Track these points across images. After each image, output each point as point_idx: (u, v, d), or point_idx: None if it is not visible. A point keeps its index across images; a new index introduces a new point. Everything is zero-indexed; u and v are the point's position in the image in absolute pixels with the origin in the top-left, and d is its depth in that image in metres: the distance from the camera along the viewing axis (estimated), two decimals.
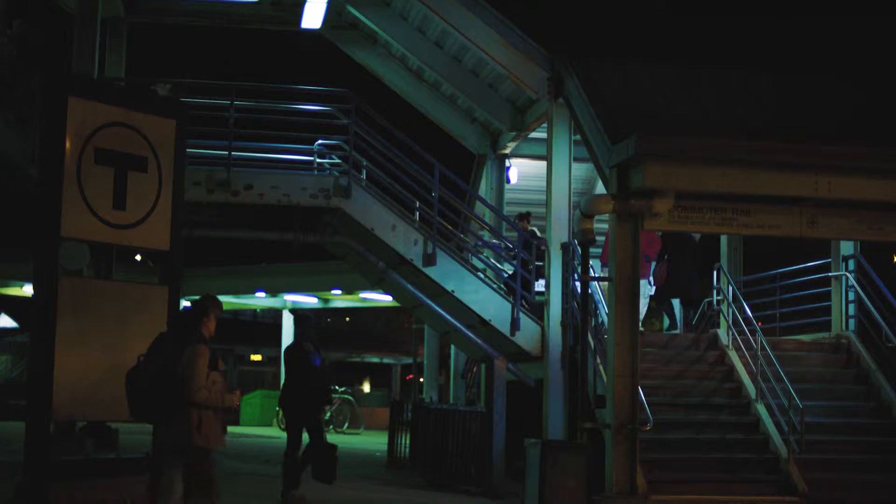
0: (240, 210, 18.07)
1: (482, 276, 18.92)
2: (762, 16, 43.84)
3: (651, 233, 18.77)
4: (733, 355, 17.88)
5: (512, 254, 19.32)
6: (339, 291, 35.89)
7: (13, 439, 16.23)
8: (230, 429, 34.77)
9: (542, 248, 18.54)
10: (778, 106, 17.48)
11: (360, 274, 20.54)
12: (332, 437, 31.90)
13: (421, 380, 31.62)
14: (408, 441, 20.82)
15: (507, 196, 22.09)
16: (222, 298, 32.08)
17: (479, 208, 22.00)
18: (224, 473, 18.75)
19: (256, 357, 54.66)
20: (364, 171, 18.58)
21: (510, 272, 19.30)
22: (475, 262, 19.74)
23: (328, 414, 35.19)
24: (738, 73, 18.72)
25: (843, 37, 40.10)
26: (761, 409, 16.46)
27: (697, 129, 16.04)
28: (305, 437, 14.96)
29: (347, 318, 63.10)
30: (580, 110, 16.86)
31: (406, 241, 17.98)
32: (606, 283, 15.52)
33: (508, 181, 21.86)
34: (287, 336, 39.16)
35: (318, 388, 15.25)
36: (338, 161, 18.58)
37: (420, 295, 18.45)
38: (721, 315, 19.10)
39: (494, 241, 20.16)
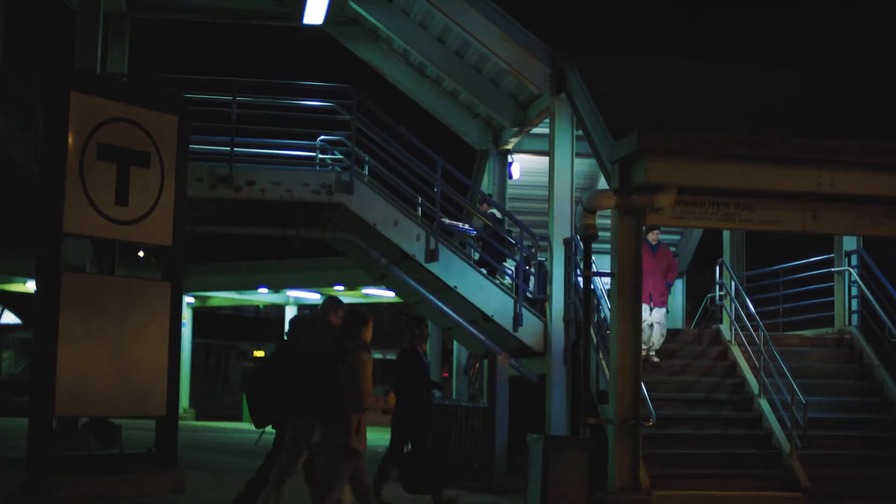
0: (242, 206, 18.06)
1: (484, 271, 18.91)
2: (762, 13, 43.81)
3: (669, 254, 18.84)
4: (736, 351, 17.88)
5: (479, 242, 19.25)
6: (341, 287, 35.82)
7: (16, 435, 16.26)
8: (232, 425, 34.85)
9: (507, 232, 18.46)
10: (780, 101, 17.45)
11: (363, 270, 20.53)
12: None
13: None
14: None
15: (510, 191, 22.07)
16: (224, 294, 32.21)
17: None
18: (229, 470, 18.79)
19: (259, 353, 54.62)
20: (366, 167, 18.57)
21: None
22: (477, 256, 19.73)
23: None
24: (740, 69, 18.71)
25: (845, 32, 40.07)
26: (764, 404, 16.45)
27: (700, 125, 16.02)
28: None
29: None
30: (582, 106, 16.84)
31: (408, 236, 17.98)
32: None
33: (511, 177, 21.85)
34: None
35: (430, 394, 14.81)
36: (340, 157, 18.58)
37: (422, 291, 18.45)
38: (724, 310, 19.09)
39: (459, 224, 19.76)
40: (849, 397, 17.31)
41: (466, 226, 19.61)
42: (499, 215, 19.56)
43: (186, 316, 36.87)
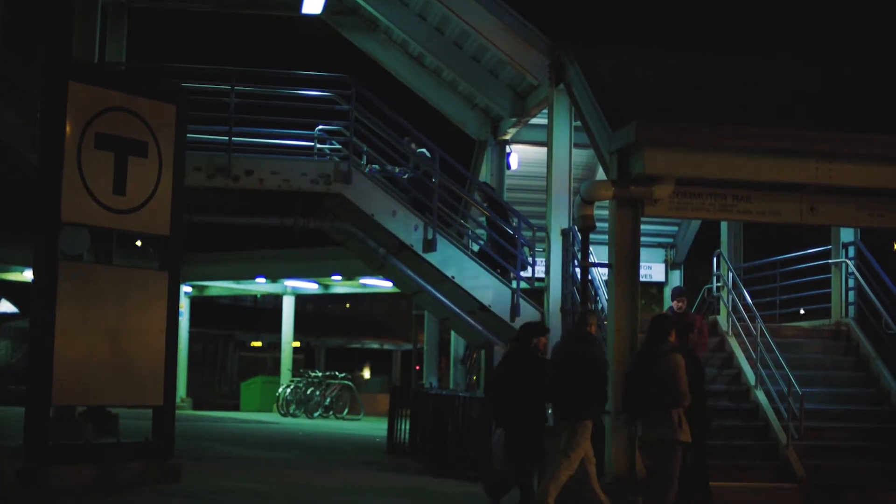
0: (240, 195, 18.06)
1: (482, 261, 18.91)
2: (762, 5, 43.82)
3: (699, 321, 16.85)
4: (733, 342, 17.89)
5: (405, 175, 19.05)
6: (339, 277, 35.86)
7: (13, 424, 16.28)
8: (229, 414, 34.90)
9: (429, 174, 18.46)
10: (778, 92, 17.46)
11: (361, 260, 20.55)
12: (331, 423, 32.09)
13: (417, 367, 31.69)
14: (408, 427, 20.84)
15: (508, 182, 22.07)
16: (222, 284, 32.29)
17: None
18: (227, 458, 18.83)
19: (257, 343, 54.64)
20: (364, 157, 18.56)
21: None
22: (475, 247, 19.74)
23: (328, 400, 35.23)
24: (739, 60, 18.71)
25: (845, 25, 40.07)
26: (761, 395, 16.47)
27: (698, 116, 16.02)
28: None
29: (348, 305, 63.14)
30: (581, 96, 16.84)
31: (406, 226, 17.99)
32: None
33: (509, 167, 21.85)
34: (287, 322, 39.19)
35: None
36: (338, 146, 18.58)
37: (420, 281, 18.46)
38: (721, 302, 19.10)
39: (388, 166, 19.12)
40: (845, 389, 17.34)
41: (397, 169, 19.32)
42: (428, 153, 19.30)
43: (184, 305, 36.88)
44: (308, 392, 35.03)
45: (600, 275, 17.43)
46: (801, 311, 21.28)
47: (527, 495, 12.82)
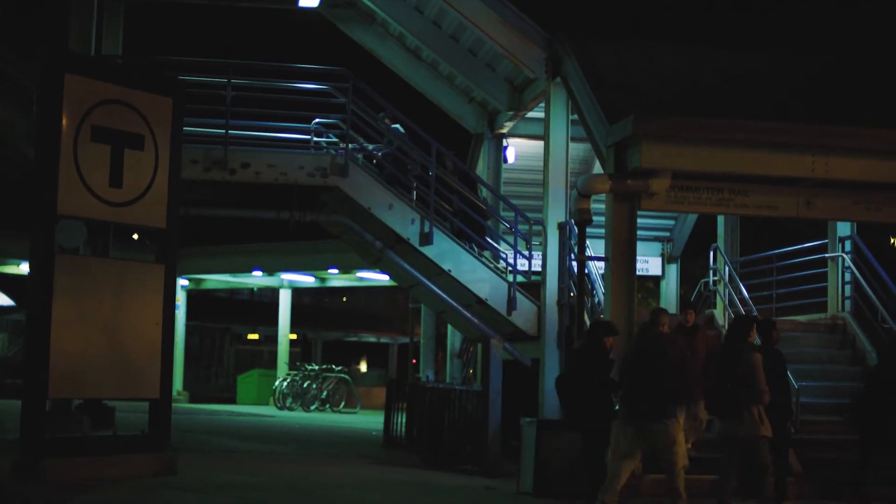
0: (237, 188, 18.05)
1: (478, 255, 18.92)
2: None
3: (709, 338, 16.12)
4: None
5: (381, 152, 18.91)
6: (335, 270, 35.86)
7: (9, 417, 16.27)
8: (226, 407, 34.90)
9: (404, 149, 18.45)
10: (776, 86, 17.46)
11: (357, 253, 20.55)
12: (328, 417, 32.10)
13: (414, 361, 31.67)
14: (404, 420, 20.84)
15: (505, 176, 22.07)
16: (218, 277, 32.18)
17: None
18: (223, 451, 18.83)
19: (253, 336, 54.62)
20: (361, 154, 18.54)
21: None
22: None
23: (324, 393, 35.25)
24: (737, 53, 18.71)
25: (844, 19, 40.05)
26: None
27: (695, 109, 16.03)
28: None
29: (344, 298, 63.13)
30: (578, 90, 16.83)
31: (403, 220, 17.98)
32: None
33: (506, 161, 21.84)
34: (284, 315, 39.17)
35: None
36: (335, 140, 18.56)
37: (417, 274, 18.46)
38: (718, 295, 19.12)
39: (365, 143, 19.03)
40: (841, 383, 17.33)
41: (371, 146, 19.23)
42: (402, 130, 19.20)
43: (180, 298, 36.87)
44: (305, 385, 35.04)
45: (597, 268, 17.45)
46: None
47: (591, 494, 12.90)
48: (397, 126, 19.10)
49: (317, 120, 18.41)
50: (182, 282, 37.11)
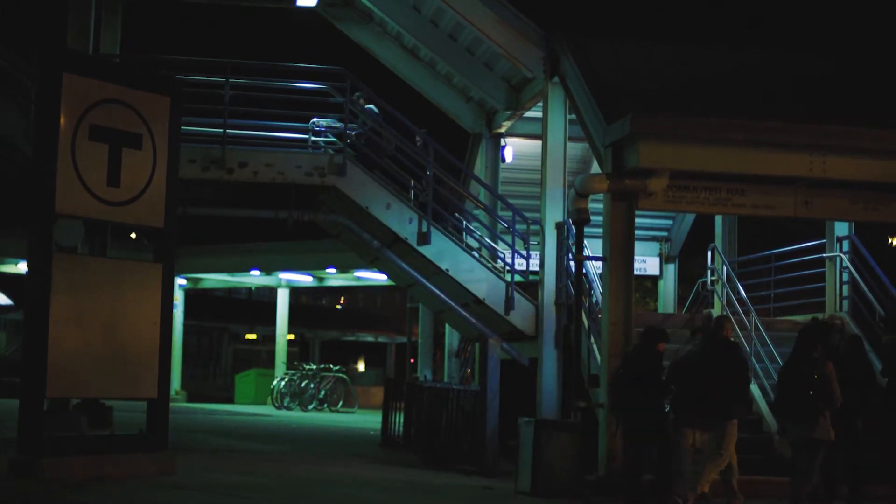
0: (235, 188, 18.05)
1: (477, 255, 18.92)
2: None
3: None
4: None
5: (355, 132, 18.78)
6: (333, 270, 35.87)
7: (8, 416, 16.26)
8: (223, 407, 34.89)
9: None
10: (773, 85, 17.46)
11: (355, 252, 20.55)
12: (326, 416, 32.11)
13: (412, 360, 31.66)
14: (402, 420, 20.84)
15: (503, 175, 22.06)
16: (216, 276, 32.14)
17: (475, 187, 21.97)
18: (221, 451, 18.83)
19: (251, 335, 54.63)
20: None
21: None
22: (469, 240, 19.74)
23: (322, 393, 35.24)
24: (735, 52, 18.71)
25: (842, 17, 40.06)
26: (755, 389, 16.46)
27: (692, 109, 16.03)
28: None
29: (343, 298, 63.16)
30: (575, 89, 16.84)
31: (401, 219, 17.98)
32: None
33: (503, 160, 21.83)
34: (282, 314, 39.16)
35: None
36: (333, 139, 18.56)
37: (415, 274, 18.47)
38: (715, 295, 19.12)
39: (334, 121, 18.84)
40: None
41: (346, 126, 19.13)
42: (376, 110, 19.14)
43: (178, 298, 36.85)
44: (302, 385, 35.03)
45: (595, 268, 17.45)
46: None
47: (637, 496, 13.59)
48: (371, 106, 19.04)
49: (314, 119, 18.41)
50: (180, 281, 37.10)
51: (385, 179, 18.28)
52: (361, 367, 57.58)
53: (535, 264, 18.96)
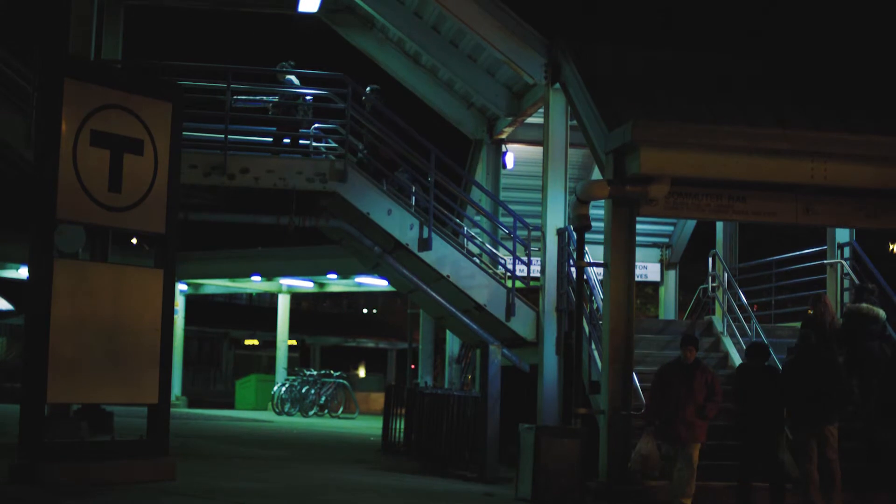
0: (236, 193, 18.06)
1: (478, 261, 18.92)
2: (761, 4, 43.81)
3: (710, 375, 14.09)
4: (728, 342, 17.90)
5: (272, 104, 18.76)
6: (334, 275, 35.84)
7: (9, 422, 16.24)
8: (224, 412, 34.86)
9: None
10: (775, 91, 17.46)
11: (356, 258, 20.54)
12: (327, 422, 32.09)
13: (412, 366, 31.68)
14: (403, 426, 20.80)
15: (504, 181, 22.08)
16: (217, 282, 32.16)
17: (476, 193, 21.98)
18: (222, 457, 18.82)
19: (252, 341, 54.67)
20: (360, 155, 18.55)
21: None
22: (470, 247, 19.75)
23: (323, 398, 35.22)
24: (736, 59, 18.71)
25: (844, 25, 40.07)
26: None
27: (694, 115, 16.03)
28: None
29: (344, 303, 63.17)
30: (577, 96, 16.84)
31: (402, 225, 17.99)
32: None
33: (505, 166, 21.85)
34: (283, 320, 39.16)
35: None
36: (334, 145, 18.57)
37: (416, 280, 18.47)
38: (716, 302, 19.11)
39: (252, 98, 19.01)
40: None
41: (262, 98, 19.09)
42: (296, 81, 18.99)
43: (179, 303, 36.85)
44: (303, 390, 35.02)
45: (596, 274, 17.45)
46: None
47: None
48: (291, 77, 18.95)
49: (316, 125, 18.42)
50: (181, 286, 37.10)
51: (386, 186, 18.29)
52: (362, 372, 57.59)
53: (535, 270, 18.96)
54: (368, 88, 19.25)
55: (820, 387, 13.80)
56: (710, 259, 19.91)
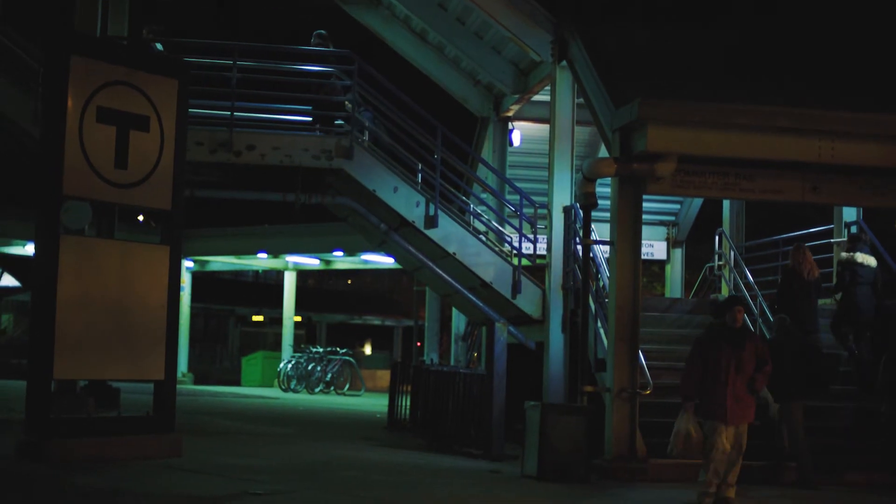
0: (242, 170, 18.04)
1: (484, 238, 18.91)
2: None
3: (759, 343, 13.12)
4: None
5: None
6: (340, 253, 35.83)
7: (15, 398, 16.30)
8: (230, 389, 34.93)
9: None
10: (784, 68, 17.39)
11: (362, 235, 20.54)
12: (332, 399, 32.16)
13: (418, 344, 31.71)
14: (408, 403, 20.86)
15: (510, 159, 22.06)
16: (223, 259, 32.16)
17: (482, 171, 21.96)
18: (228, 433, 18.86)
19: (258, 318, 54.69)
20: (366, 133, 18.53)
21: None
22: (477, 224, 19.73)
23: (329, 375, 35.28)
24: (745, 35, 18.64)
25: (855, 2, 39.82)
26: None
27: (702, 93, 15.97)
28: None
29: (349, 280, 63.17)
30: (583, 73, 16.80)
31: (408, 202, 17.97)
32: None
33: (511, 144, 21.83)
34: (289, 297, 39.19)
35: None
36: (340, 122, 18.53)
37: (422, 257, 18.46)
38: (723, 280, 19.10)
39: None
40: (847, 368, 17.32)
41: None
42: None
43: (185, 280, 36.90)
44: (309, 367, 35.08)
45: (602, 252, 17.44)
46: None
47: None
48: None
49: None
50: (187, 263, 37.13)
51: (392, 163, 18.26)
52: (368, 350, 57.64)
53: (542, 248, 18.95)
54: (315, 33, 18.99)
55: (802, 367, 14.24)
56: (717, 237, 19.88)
